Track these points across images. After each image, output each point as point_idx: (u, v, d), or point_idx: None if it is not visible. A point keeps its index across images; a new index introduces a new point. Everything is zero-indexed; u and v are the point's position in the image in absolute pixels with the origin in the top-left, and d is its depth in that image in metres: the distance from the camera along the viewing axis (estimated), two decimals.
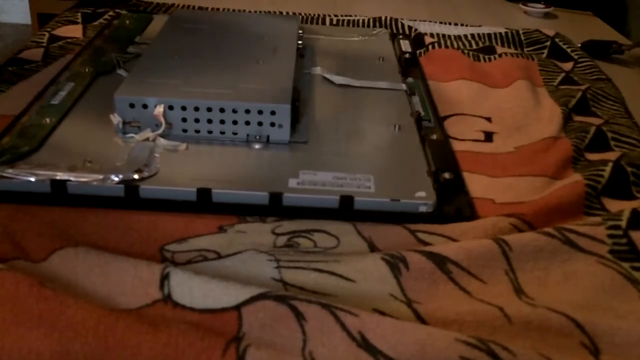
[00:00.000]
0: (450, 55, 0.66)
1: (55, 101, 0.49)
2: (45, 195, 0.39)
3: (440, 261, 0.35)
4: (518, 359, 0.29)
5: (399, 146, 0.47)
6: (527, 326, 0.32)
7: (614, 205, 0.42)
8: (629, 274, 0.36)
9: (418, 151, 0.46)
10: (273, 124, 0.45)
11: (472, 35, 0.73)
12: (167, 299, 0.32)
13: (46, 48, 0.61)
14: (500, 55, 0.67)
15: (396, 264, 0.35)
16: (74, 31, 0.66)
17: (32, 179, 0.39)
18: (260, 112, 0.45)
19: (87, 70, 0.54)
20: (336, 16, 0.77)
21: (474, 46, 0.71)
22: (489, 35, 0.73)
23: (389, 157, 0.45)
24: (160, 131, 0.45)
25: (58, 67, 0.56)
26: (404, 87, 0.56)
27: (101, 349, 0.29)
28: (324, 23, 0.75)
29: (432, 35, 0.72)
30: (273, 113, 0.45)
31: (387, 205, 0.40)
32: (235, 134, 0.45)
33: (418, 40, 0.70)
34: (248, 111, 0.45)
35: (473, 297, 0.34)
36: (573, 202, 0.42)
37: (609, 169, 0.44)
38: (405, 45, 0.65)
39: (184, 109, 0.45)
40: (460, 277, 0.35)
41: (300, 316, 0.31)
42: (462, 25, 0.77)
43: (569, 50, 0.70)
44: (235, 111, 0.45)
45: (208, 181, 0.40)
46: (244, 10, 0.77)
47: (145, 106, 0.44)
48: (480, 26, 0.77)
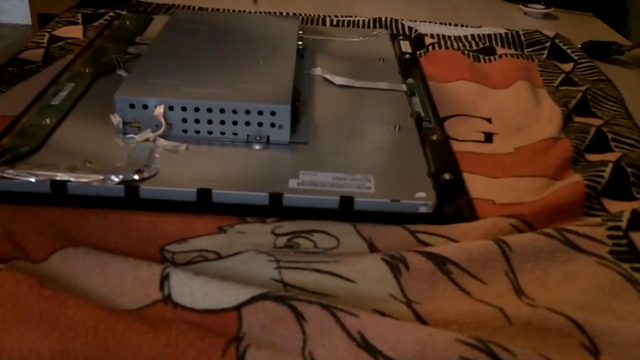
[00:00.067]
0: (451, 56, 0.66)
1: (56, 102, 0.49)
2: (46, 196, 0.39)
3: (440, 262, 0.35)
4: (518, 359, 0.29)
5: (399, 147, 0.47)
6: (527, 327, 0.32)
7: (614, 206, 0.43)
8: (629, 274, 0.36)
9: (418, 152, 0.46)
10: (273, 125, 0.45)
11: (472, 36, 0.73)
12: (167, 299, 0.32)
13: (46, 48, 0.61)
14: (500, 56, 0.67)
15: (396, 264, 0.35)
16: (74, 32, 0.66)
17: (32, 180, 0.39)
18: (260, 113, 0.45)
19: (87, 70, 0.54)
20: (336, 17, 0.77)
21: (474, 47, 0.71)
22: (489, 36, 0.73)
23: (389, 158, 0.45)
24: (161, 132, 0.45)
25: (58, 67, 0.56)
26: (404, 87, 0.56)
27: (101, 349, 0.29)
28: (324, 24, 0.75)
29: (432, 36, 0.72)
30: (273, 114, 0.45)
31: (387, 206, 0.40)
32: (236, 134, 0.46)
33: (418, 41, 0.70)
34: (248, 112, 0.45)
35: (473, 297, 0.34)
36: (573, 203, 0.42)
37: (609, 169, 0.44)
38: (406, 46, 0.65)
39: (184, 109, 0.45)
40: (460, 278, 0.35)
41: (300, 316, 0.31)
42: (462, 26, 0.77)
43: (569, 51, 0.70)
44: (235, 112, 0.45)
45: (208, 182, 0.40)
46: (244, 11, 0.77)
47: (145, 107, 0.44)
48: (480, 27, 0.77)
